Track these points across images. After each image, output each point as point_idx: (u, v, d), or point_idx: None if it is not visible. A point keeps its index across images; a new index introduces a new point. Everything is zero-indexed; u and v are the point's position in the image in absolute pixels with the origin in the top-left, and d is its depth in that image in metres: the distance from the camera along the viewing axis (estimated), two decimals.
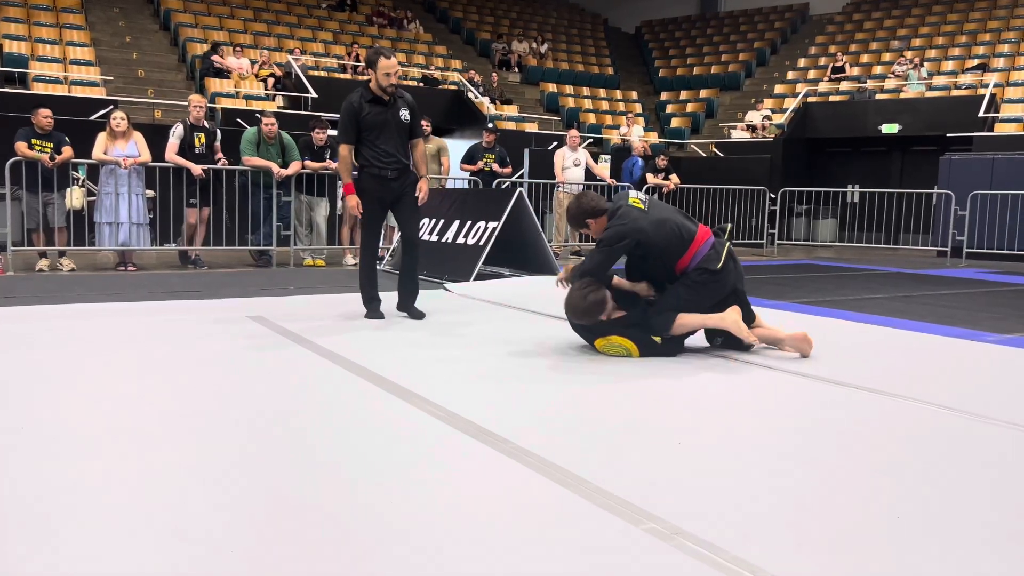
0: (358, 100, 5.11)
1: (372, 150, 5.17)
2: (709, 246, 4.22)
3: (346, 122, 5.12)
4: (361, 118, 5.10)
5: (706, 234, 4.27)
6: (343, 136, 5.16)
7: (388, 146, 5.17)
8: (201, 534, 2.01)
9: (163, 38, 16.78)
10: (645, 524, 2.12)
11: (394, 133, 5.19)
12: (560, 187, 11.17)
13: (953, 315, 6.11)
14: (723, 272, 4.20)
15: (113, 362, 3.90)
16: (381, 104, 5.14)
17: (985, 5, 20.13)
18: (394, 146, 5.20)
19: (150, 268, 8.25)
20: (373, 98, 5.13)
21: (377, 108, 5.13)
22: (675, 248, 4.18)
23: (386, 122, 5.15)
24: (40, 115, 7.75)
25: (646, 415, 3.22)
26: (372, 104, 5.12)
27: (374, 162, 5.18)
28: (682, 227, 4.22)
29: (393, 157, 5.20)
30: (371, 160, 5.18)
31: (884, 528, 2.15)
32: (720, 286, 4.23)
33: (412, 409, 3.18)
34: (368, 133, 5.14)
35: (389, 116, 5.16)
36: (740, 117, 18.29)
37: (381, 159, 5.17)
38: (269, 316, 5.26)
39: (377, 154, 5.17)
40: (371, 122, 5.12)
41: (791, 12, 23.70)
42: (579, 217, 4.36)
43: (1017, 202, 11.57)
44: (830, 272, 9.77)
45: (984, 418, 3.23)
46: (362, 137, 5.15)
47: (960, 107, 15.59)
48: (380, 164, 5.17)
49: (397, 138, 5.22)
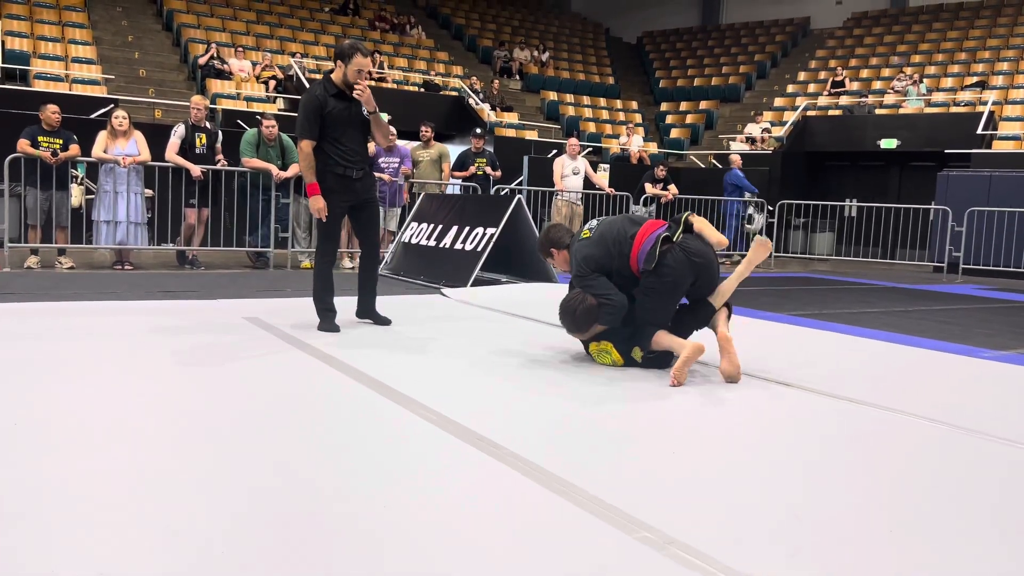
0: (322, 93, 4.76)
1: (336, 147, 4.81)
2: (649, 244, 4.06)
3: (310, 116, 4.73)
4: (325, 113, 4.75)
5: (647, 233, 4.10)
6: (306, 132, 4.75)
7: (352, 143, 4.87)
8: (192, 535, 2.00)
9: (165, 38, 16.81)
10: (639, 533, 2.12)
11: (358, 129, 4.91)
12: (559, 195, 11.19)
13: (948, 331, 6.12)
14: (663, 270, 4.00)
15: (106, 361, 3.89)
16: (344, 99, 4.82)
17: (985, 23, 20.25)
18: (358, 143, 4.92)
19: (147, 267, 8.24)
20: (337, 92, 4.80)
21: (341, 103, 4.80)
22: (623, 257, 4.13)
23: (350, 118, 4.84)
24: (48, 111, 7.75)
25: (642, 424, 3.22)
26: (336, 99, 4.79)
27: (340, 160, 4.83)
28: (622, 234, 4.14)
29: (358, 155, 4.92)
30: (336, 159, 4.82)
31: (877, 540, 2.16)
32: (669, 284, 4.03)
33: (407, 413, 3.18)
34: (332, 129, 4.79)
35: (353, 111, 4.85)
36: (739, 129, 18.36)
37: (347, 157, 4.85)
38: (265, 318, 5.26)
39: (342, 152, 4.83)
40: (336, 117, 4.78)
41: (792, 26, 23.81)
42: (545, 247, 4.53)
43: (1014, 219, 11.61)
44: (826, 285, 9.79)
45: (978, 433, 3.23)
46: (324, 134, 4.79)
47: (958, 124, 15.66)
48: (345, 163, 4.85)
49: (360, 135, 4.95)
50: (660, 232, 4.08)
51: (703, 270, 4.07)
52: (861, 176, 16.92)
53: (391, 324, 5.21)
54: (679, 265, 4.01)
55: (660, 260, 4.01)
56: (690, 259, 4.02)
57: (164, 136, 8.39)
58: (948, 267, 11.96)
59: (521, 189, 11.65)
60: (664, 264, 4.01)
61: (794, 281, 10.27)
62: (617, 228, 4.21)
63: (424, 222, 8.51)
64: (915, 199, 14.07)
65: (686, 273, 4.04)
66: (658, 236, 4.06)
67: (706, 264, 4.08)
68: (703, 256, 4.06)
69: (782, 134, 17.17)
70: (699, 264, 4.05)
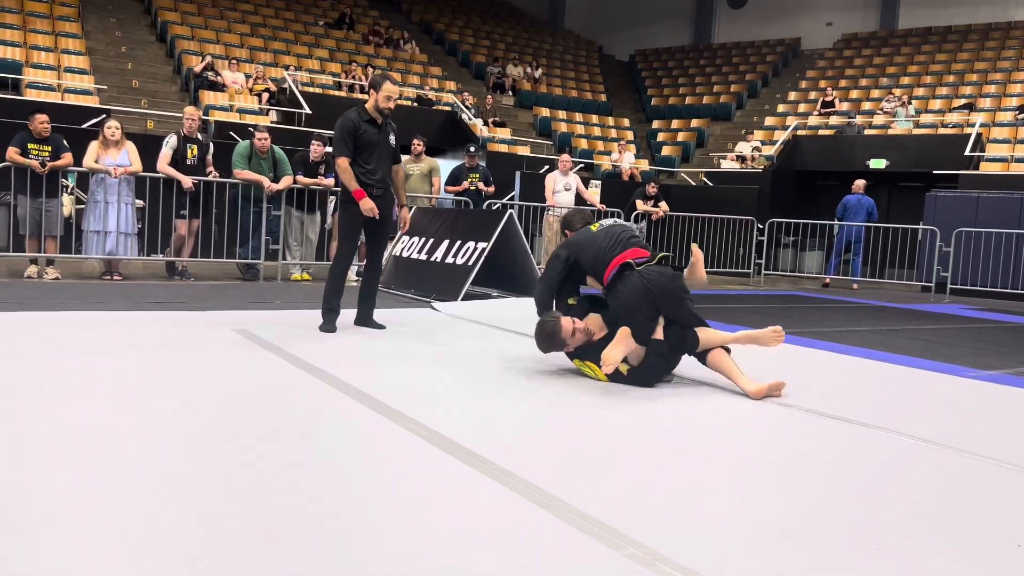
0: (356, 118, 5.32)
1: (361, 168, 5.36)
2: (614, 274, 4.17)
3: (345, 136, 5.29)
4: (358, 135, 5.30)
5: (619, 261, 4.18)
6: (342, 150, 5.32)
7: (376, 166, 5.40)
8: (177, 549, 1.99)
9: (159, 49, 16.82)
10: (626, 549, 2.12)
11: (384, 155, 5.45)
12: (550, 210, 11.23)
13: (935, 350, 6.16)
14: (617, 293, 4.11)
15: (93, 371, 3.87)
16: (375, 126, 5.38)
17: (973, 46, 20.51)
18: (382, 167, 5.44)
19: (136, 278, 8.21)
20: (370, 119, 5.36)
21: (372, 129, 5.36)
22: (597, 270, 4.26)
23: (378, 143, 5.39)
24: (36, 121, 7.73)
25: (630, 440, 3.22)
26: (368, 124, 5.35)
27: (364, 179, 5.36)
28: (606, 251, 4.23)
29: (379, 177, 5.43)
30: (360, 177, 5.35)
31: (863, 559, 2.16)
32: (623, 308, 4.10)
33: (394, 427, 3.17)
34: (360, 152, 5.35)
35: (381, 138, 5.41)
36: (730, 148, 18.48)
37: (370, 176, 5.38)
38: (254, 330, 5.24)
39: (366, 172, 5.37)
40: (366, 141, 5.34)
41: (783, 46, 24.05)
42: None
43: (1000, 240, 11.72)
44: (815, 303, 9.84)
45: (964, 452, 3.25)
46: (354, 155, 5.34)
47: (946, 145, 15.81)
48: (368, 182, 5.37)
49: (386, 160, 5.48)
50: (636, 260, 4.17)
51: (660, 300, 4.09)
52: None
53: (385, 328, 5.56)
54: (632, 291, 4.08)
55: (616, 284, 4.15)
56: (645, 286, 4.07)
57: (156, 147, 8.38)
58: (936, 287, 12.04)
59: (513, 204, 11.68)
60: (617, 288, 4.14)
61: (783, 299, 10.31)
62: (612, 239, 4.28)
63: (415, 236, 8.51)
64: (903, 219, 14.17)
65: (640, 299, 4.07)
66: (625, 263, 4.16)
67: (663, 295, 4.08)
68: (659, 286, 4.09)
69: (772, 153, 17.29)
70: (654, 293, 4.07)
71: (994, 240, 11.76)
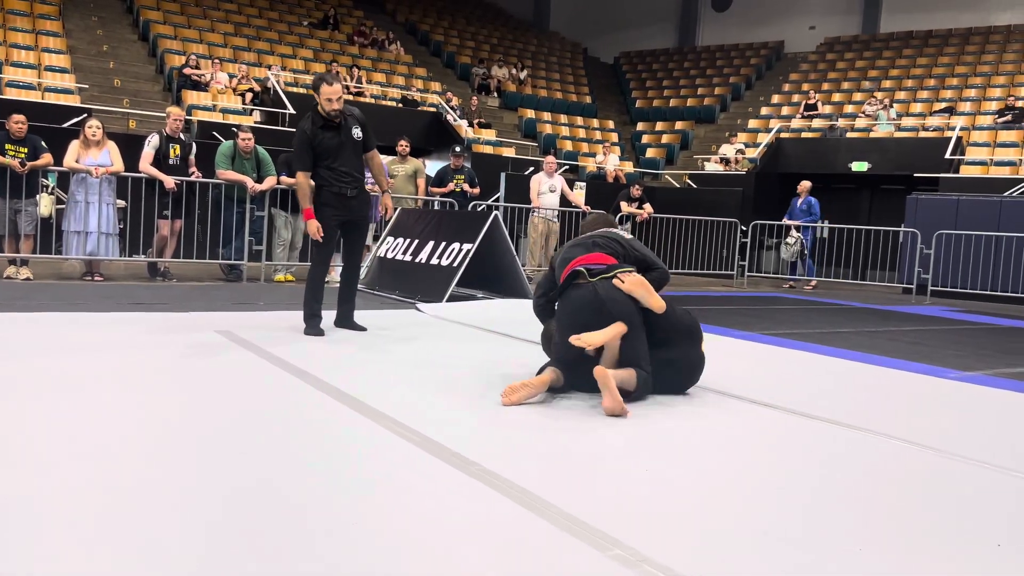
0: (310, 128, 5.19)
1: (330, 171, 5.27)
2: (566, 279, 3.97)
3: (301, 151, 5.21)
4: (315, 144, 5.19)
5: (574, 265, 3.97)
6: (300, 164, 5.24)
7: (345, 166, 5.30)
8: (163, 550, 1.97)
9: (141, 48, 16.68)
10: (611, 551, 2.12)
11: (350, 153, 5.34)
12: (535, 212, 11.23)
13: (916, 351, 6.21)
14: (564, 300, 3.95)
15: (74, 373, 3.82)
16: (332, 128, 5.24)
17: (953, 51, 20.72)
18: (351, 165, 5.34)
19: (117, 279, 8.13)
20: (324, 123, 5.23)
21: (329, 133, 5.23)
22: (559, 273, 4.06)
23: (341, 144, 5.27)
24: (12, 121, 7.64)
25: (615, 442, 3.22)
26: (324, 129, 5.22)
27: (334, 181, 5.28)
28: (566, 259, 4.06)
29: (351, 176, 5.35)
30: (330, 180, 5.28)
31: (847, 559, 2.17)
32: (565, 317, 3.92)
33: (378, 428, 3.16)
34: (324, 157, 5.24)
35: (343, 137, 5.28)
36: (714, 150, 18.57)
37: (340, 179, 5.30)
38: (237, 331, 5.20)
39: (336, 174, 5.28)
40: (326, 147, 5.22)
41: (766, 49, 24.20)
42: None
43: (980, 242, 11.84)
44: (798, 305, 9.90)
45: (944, 453, 3.28)
46: (319, 160, 5.24)
47: (927, 148, 15.98)
48: (340, 183, 5.30)
49: (353, 157, 5.37)
50: (590, 266, 3.93)
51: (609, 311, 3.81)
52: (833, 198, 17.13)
53: (367, 331, 5.50)
54: (578, 302, 3.87)
55: (567, 290, 3.95)
56: (596, 294, 3.83)
57: (138, 146, 8.31)
58: (917, 288, 12.15)
59: (498, 205, 11.67)
60: (566, 298, 3.95)
61: (766, 300, 10.37)
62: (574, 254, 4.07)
63: (400, 237, 8.49)
64: (885, 221, 14.29)
65: (587, 311, 3.82)
66: (583, 268, 3.93)
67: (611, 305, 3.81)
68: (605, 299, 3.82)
69: (756, 155, 17.39)
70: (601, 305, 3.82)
71: (974, 242, 11.89)
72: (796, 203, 12.89)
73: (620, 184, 15.23)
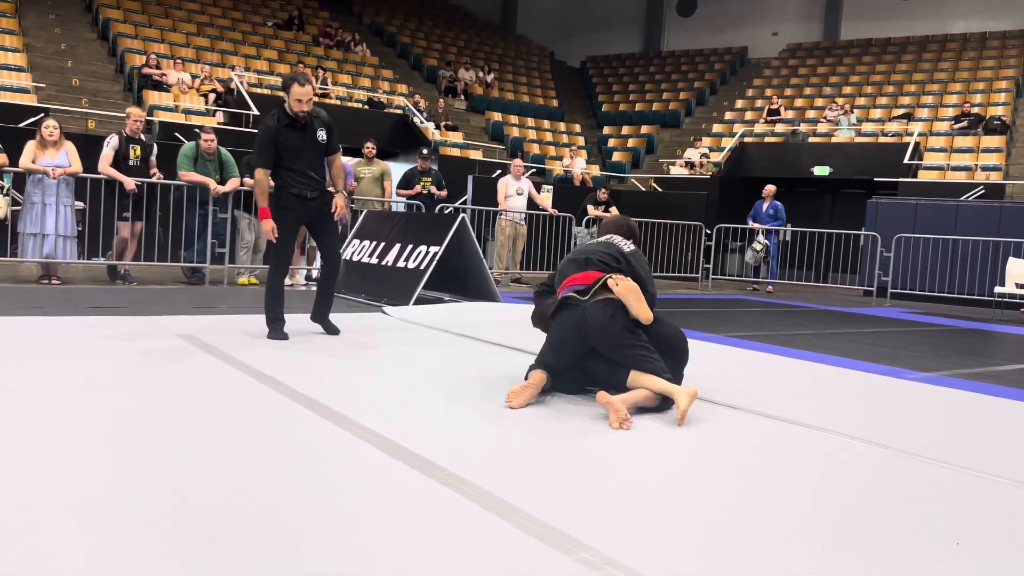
0: (275, 124, 5.10)
1: (290, 171, 5.18)
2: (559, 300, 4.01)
3: (264, 146, 5.10)
4: (279, 142, 5.10)
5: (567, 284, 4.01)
6: (261, 160, 5.13)
7: (306, 167, 5.20)
8: (118, 557, 1.92)
9: (100, 47, 16.38)
10: (577, 554, 2.12)
11: (312, 154, 5.23)
12: (503, 215, 11.24)
13: (876, 352, 6.32)
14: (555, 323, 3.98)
15: (30, 380, 3.73)
16: (297, 128, 5.15)
17: (911, 58, 21.17)
18: (312, 167, 5.24)
19: (76, 282, 7.96)
20: (290, 122, 5.14)
21: (294, 132, 5.14)
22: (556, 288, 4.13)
23: (303, 145, 5.18)
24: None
25: (582, 446, 3.23)
26: (289, 128, 5.13)
27: (293, 183, 5.19)
28: (563, 275, 4.08)
29: (311, 178, 5.24)
30: (290, 181, 5.18)
31: (812, 560, 2.20)
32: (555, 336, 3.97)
33: (344, 434, 3.13)
34: (286, 156, 5.14)
35: (307, 138, 5.19)
36: (679, 154, 18.74)
37: (299, 180, 5.20)
38: (200, 335, 5.12)
39: (295, 175, 5.19)
40: (289, 146, 5.13)
41: (730, 55, 24.50)
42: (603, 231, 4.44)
43: (938, 246, 12.10)
44: (761, 307, 10.02)
45: (903, 452, 3.34)
46: (280, 160, 5.15)
47: (887, 153, 16.30)
48: (299, 184, 5.20)
49: (315, 159, 5.27)
50: (579, 287, 3.94)
51: (594, 338, 3.86)
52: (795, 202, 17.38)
53: (339, 334, 5.48)
54: (565, 324, 3.92)
55: (558, 312, 3.98)
56: (584, 318, 3.85)
57: (97, 147, 8.15)
58: (877, 291, 12.38)
59: (465, 208, 11.65)
60: (558, 319, 3.98)
61: (730, 303, 10.49)
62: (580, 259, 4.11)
63: (366, 239, 8.43)
64: (846, 225, 14.55)
65: (573, 334, 3.89)
66: (574, 289, 3.94)
67: (595, 333, 3.84)
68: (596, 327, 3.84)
69: (720, 160, 17.59)
70: (588, 331, 3.86)
71: (932, 245, 12.15)
72: (761, 207, 13.03)
73: (587, 187, 15.30)
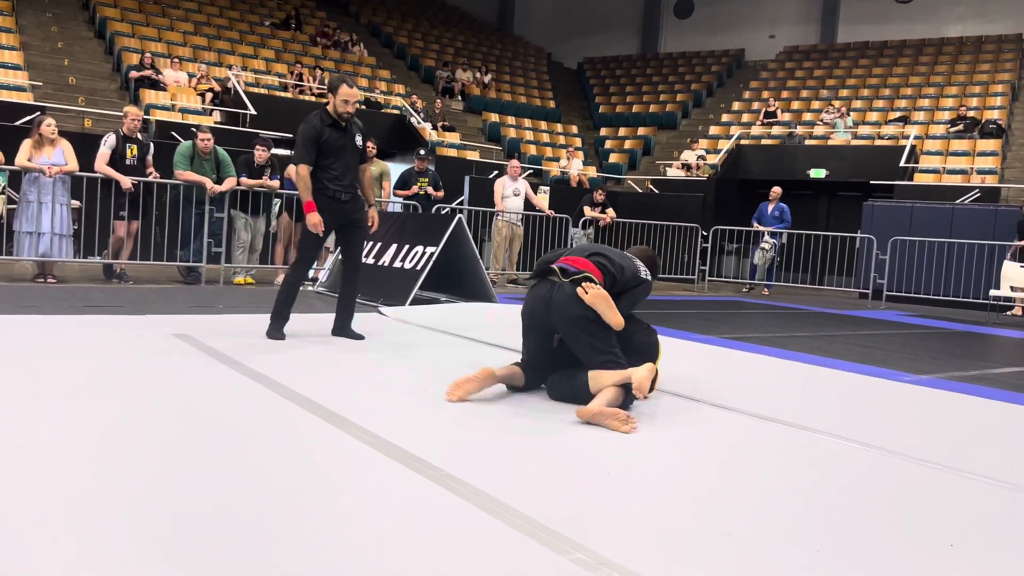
0: (319, 123, 5.16)
1: (327, 173, 5.21)
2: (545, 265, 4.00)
3: (307, 143, 5.12)
4: (321, 141, 5.14)
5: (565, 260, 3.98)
6: (304, 157, 5.14)
7: (343, 170, 5.25)
8: (112, 558, 1.92)
9: (97, 46, 16.35)
10: (572, 554, 2.12)
11: (351, 158, 5.31)
12: (499, 215, 11.25)
13: (872, 355, 6.33)
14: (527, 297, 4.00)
15: (25, 379, 3.72)
16: (339, 129, 5.22)
17: (907, 61, 21.23)
18: (349, 170, 5.30)
19: (72, 281, 7.95)
20: (332, 122, 5.20)
21: (336, 133, 5.20)
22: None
23: (344, 147, 5.23)
24: None
25: (577, 446, 3.23)
26: (331, 128, 5.19)
27: (329, 184, 5.22)
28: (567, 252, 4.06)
29: (347, 181, 5.29)
30: (326, 183, 5.21)
31: (805, 561, 2.20)
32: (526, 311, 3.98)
33: (339, 433, 3.13)
34: (326, 156, 5.19)
35: (347, 141, 5.25)
36: (676, 156, 18.77)
37: (337, 182, 5.23)
38: (196, 335, 5.12)
39: (332, 177, 5.22)
40: (331, 146, 5.17)
41: (727, 57, 24.54)
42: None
43: (934, 248, 12.14)
44: (757, 309, 10.04)
45: (899, 455, 3.34)
46: (318, 160, 5.18)
47: (883, 156, 16.34)
48: (335, 187, 5.23)
49: (352, 162, 5.33)
50: (568, 267, 3.86)
51: (556, 315, 3.78)
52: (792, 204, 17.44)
53: (364, 339, 5.42)
54: (536, 296, 3.88)
55: (536, 284, 3.95)
56: (552, 295, 3.79)
57: (93, 146, 8.14)
58: (872, 293, 12.41)
59: (462, 209, 11.66)
60: (532, 291, 3.95)
61: (726, 305, 10.50)
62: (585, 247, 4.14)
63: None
64: (842, 227, 14.58)
65: (541, 307, 3.83)
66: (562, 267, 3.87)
67: (558, 309, 3.75)
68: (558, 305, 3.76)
69: (717, 162, 17.62)
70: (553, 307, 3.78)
71: (927, 248, 12.18)
72: (766, 208, 12.99)
73: (583, 189, 15.31)
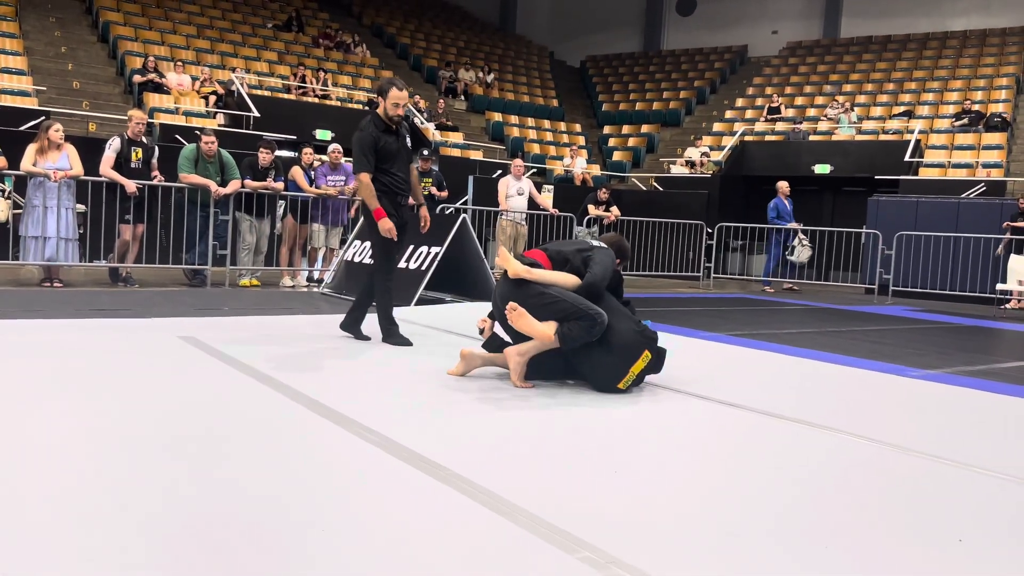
0: (374, 131, 5.24)
1: (389, 176, 5.31)
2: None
3: (366, 151, 5.21)
4: (379, 147, 5.23)
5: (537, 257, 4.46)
6: (364, 165, 5.21)
7: (401, 172, 5.37)
8: (116, 557, 1.93)
9: (101, 50, 16.39)
10: (580, 553, 2.12)
11: (404, 159, 5.42)
12: (504, 215, 11.24)
13: (878, 350, 6.32)
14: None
15: (31, 380, 3.74)
16: (392, 133, 5.32)
17: (911, 56, 21.15)
18: (405, 172, 5.42)
19: (78, 285, 7.97)
20: (385, 128, 5.28)
21: (390, 137, 5.30)
22: None
23: (399, 150, 5.34)
24: None
25: (583, 444, 3.23)
26: (385, 134, 5.28)
27: (392, 187, 5.32)
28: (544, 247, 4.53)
29: (406, 183, 5.42)
30: (389, 186, 5.31)
31: (813, 557, 2.20)
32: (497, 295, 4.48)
33: (345, 434, 3.13)
34: (384, 160, 5.28)
35: (400, 144, 5.36)
36: (679, 153, 18.73)
37: (398, 185, 5.35)
38: (201, 337, 5.13)
39: (394, 180, 5.33)
40: (387, 151, 5.27)
41: (730, 53, 24.49)
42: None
43: (939, 243, 12.09)
44: (763, 306, 10.02)
45: (907, 450, 3.33)
46: (378, 165, 5.27)
47: (887, 151, 16.29)
48: (397, 189, 5.35)
49: (406, 163, 5.45)
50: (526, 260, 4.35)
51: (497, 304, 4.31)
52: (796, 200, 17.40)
53: (370, 339, 5.45)
54: (495, 292, 4.41)
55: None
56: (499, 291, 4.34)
57: (98, 150, 8.16)
58: (879, 289, 12.37)
59: (466, 208, 11.66)
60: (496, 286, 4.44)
61: (731, 302, 10.48)
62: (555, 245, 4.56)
63: (367, 240, 8.42)
64: (847, 223, 14.53)
65: (495, 304, 4.38)
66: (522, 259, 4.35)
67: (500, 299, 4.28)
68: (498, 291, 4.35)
69: (721, 158, 17.58)
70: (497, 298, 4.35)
71: (933, 243, 12.14)
72: (783, 203, 12.86)
73: (587, 187, 15.30)
